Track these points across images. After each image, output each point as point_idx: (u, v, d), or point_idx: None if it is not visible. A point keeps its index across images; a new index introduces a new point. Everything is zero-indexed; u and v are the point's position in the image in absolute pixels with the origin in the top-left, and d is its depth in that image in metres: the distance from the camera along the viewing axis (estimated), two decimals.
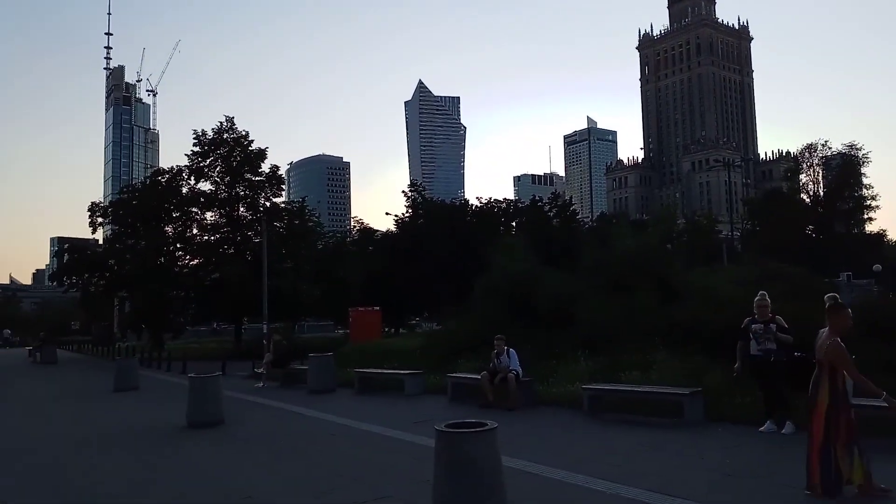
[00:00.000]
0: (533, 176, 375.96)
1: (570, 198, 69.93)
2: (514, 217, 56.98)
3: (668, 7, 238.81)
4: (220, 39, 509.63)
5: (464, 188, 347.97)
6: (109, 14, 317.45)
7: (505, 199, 59.14)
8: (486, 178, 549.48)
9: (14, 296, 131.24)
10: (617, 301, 17.28)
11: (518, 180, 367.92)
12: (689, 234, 73.63)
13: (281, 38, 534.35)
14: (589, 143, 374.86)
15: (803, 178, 76.65)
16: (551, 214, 57.88)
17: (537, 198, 60.68)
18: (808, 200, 74.55)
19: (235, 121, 45.93)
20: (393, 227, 54.52)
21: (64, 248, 55.05)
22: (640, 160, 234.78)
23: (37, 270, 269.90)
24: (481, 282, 22.77)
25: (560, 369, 15.33)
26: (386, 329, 45.18)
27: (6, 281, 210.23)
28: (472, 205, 55.81)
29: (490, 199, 56.00)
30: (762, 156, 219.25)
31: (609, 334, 16.19)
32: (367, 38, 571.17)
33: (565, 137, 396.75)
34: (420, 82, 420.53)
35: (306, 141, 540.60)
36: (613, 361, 14.79)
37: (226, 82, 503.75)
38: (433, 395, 16.65)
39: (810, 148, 75.33)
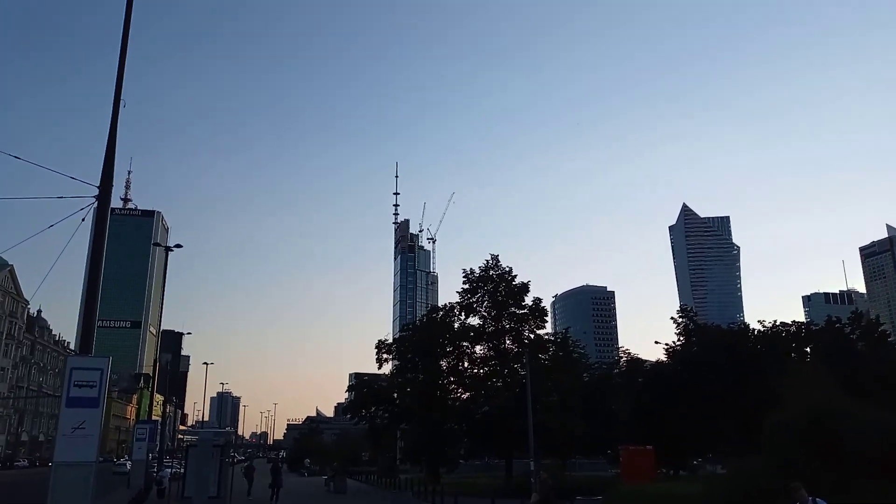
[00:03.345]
0: (826, 294, 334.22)
1: (877, 317, 59.70)
2: (806, 342, 50.11)
3: None
4: (486, 181, 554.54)
5: (742, 312, 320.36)
6: (397, 177, 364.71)
7: (794, 321, 52.60)
8: (769, 300, 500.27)
9: (317, 427, 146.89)
10: None
11: (808, 300, 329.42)
12: None
13: (539, 174, 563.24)
14: (893, 254, 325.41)
15: None
16: (854, 337, 49.81)
17: (833, 318, 52.90)
18: None
19: (500, 257, 48.50)
20: (664, 357, 51.25)
21: (354, 383, 60.83)
22: None
23: (338, 404, 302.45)
24: (772, 417, 19.72)
25: None
26: (661, 470, 41.34)
27: (313, 413, 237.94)
28: (754, 329, 50.54)
29: (775, 322, 50.31)
30: None
31: None
32: (627, 168, 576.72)
33: (861, 249, 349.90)
34: (684, 206, 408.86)
35: (570, 272, 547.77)
36: None
37: (492, 220, 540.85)
38: None
39: None
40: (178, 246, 46.23)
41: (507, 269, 48.02)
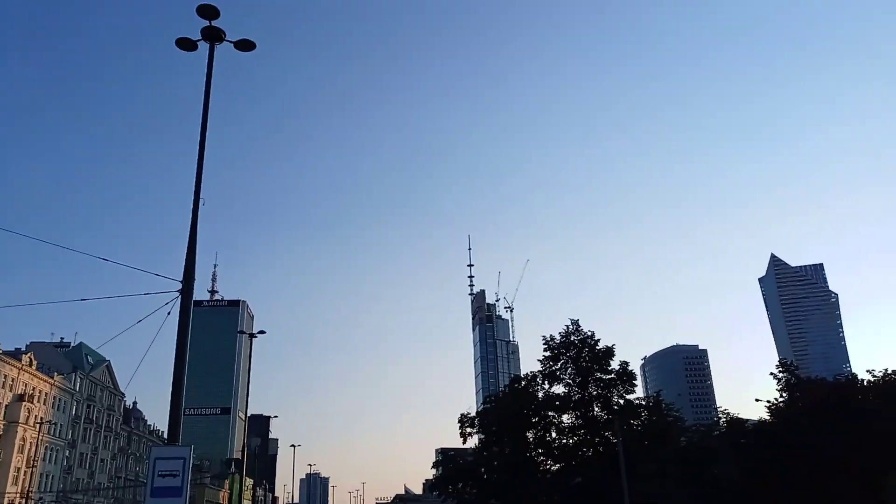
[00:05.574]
0: None
1: None
2: None
3: None
4: (561, 245, 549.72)
5: (849, 363, 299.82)
6: (470, 249, 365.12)
7: None
8: (878, 348, 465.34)
9: None
10: None
11: None
12: None
13: (615, 232, 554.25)
14: None
15: None
16: None
17: None
18: None
19: (581, 321, 47.51)
20: (766, 415, 48.06)
21: (440, 458, 59.73)
22: None
23: (426, 480, 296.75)
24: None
25: None
26: None
27: (401, 491, 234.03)
28: (863, 380, 46.94)
29: (886, 370, 46.58)
30: None
31: None
32: (708, 222, 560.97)
33: None
34: (772, 256, 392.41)
35: (657, 332, 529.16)
36: None
37: (569, 284, 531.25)
38: None
39: None
40: (262, 332, 47.62)
41: (590, 333, 46.88)
